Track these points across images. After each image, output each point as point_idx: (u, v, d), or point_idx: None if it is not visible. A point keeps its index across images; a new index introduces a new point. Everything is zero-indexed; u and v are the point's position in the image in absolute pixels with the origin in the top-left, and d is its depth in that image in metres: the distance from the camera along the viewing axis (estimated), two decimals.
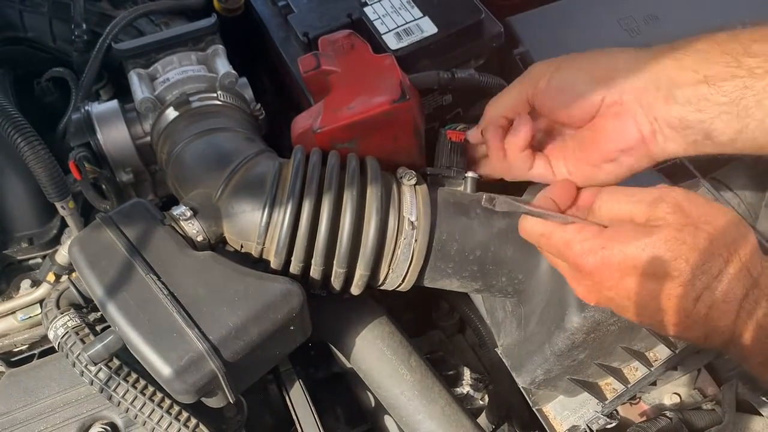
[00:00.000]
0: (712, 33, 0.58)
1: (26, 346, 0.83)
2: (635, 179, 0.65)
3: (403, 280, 0.73)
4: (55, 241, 0.88)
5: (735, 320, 0.55)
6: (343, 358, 0.86)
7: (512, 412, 1.09)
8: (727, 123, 0.56)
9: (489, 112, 0.70)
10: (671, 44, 0.59)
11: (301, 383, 0.83)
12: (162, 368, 0.57)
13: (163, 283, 0.61)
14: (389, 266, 0.71)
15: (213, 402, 0.64)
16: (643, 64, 0.59)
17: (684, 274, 0.54)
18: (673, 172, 0.85)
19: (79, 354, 0.66)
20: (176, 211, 0.67)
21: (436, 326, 1.11)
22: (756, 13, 0.97)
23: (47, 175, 0.72)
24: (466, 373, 1.10)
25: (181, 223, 0.67)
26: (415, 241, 0.70)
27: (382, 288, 0.75)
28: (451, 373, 1.10)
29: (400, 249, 0.70)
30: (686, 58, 0.57)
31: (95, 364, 0.64)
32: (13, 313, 0.82)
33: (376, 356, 0.81)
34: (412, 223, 0.69)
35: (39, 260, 0.88)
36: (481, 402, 1.08)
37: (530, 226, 0.63)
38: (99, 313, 0.77)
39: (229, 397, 0.63)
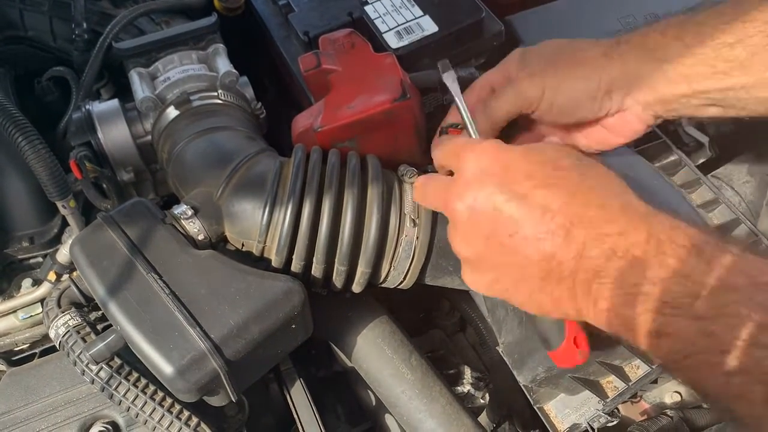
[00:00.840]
0: (678, 30, 0.60)
1: (27, 345, 0.83)
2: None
3: (404, 278, 0.73)
4: (56, 240, 0.87)
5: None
6: (344, 357, 0.86)
7: (513, 411, 1.09)
8: (715, 111, 0.61)
9: (481, 127, 0.68)
10: (647, 47, 0.61)
11: (302, 382, 0.83)
12: (164, 367, 0.57)
13: (164, 282, 0.61)
14: (391, 264, 0.71)
15: (215, 401, 0.64)
16: (635, 75, 0.61)
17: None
18: (675, 171, 0.85)
19: (80, 353, 0.66)
20: (177, 210, 0.67)
21: (436, 325, 1.11)
22: None
23: (48, 174, 0.72)
24: (467, 371, 1.10)
25: (182, 222, 0.67)
26: (417, 238, 0.70)
27: (383, 285, 0.75)
28: (452, 371, 1.10)
29: (401, 246, 0.70)
30: (667, 67, 0.60)
31: (97, 363, 0.64)
32: (14, 312, 0.82)
33: (377, 355, 0.81)
34: (413, 220, 0.69)
35: (40, 259, 0.88)
36: (482, 401, 1.08)
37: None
38: (100, 312, 0.77)
39: (231, 396, 0.63)
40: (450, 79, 0.65)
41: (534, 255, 0.52)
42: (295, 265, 0.68)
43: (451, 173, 0.62)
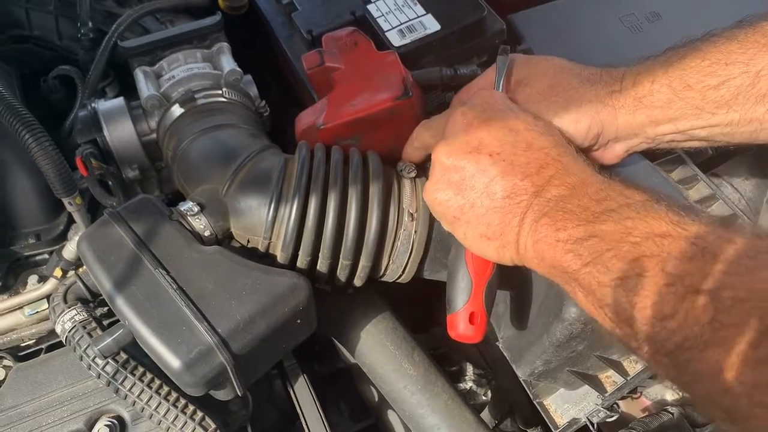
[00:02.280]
0: (667, 77, 0.63)
1: (33, 340, 0.84)
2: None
3: (403, 272, 0.74)
4: (62, 237, 0.88)
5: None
6: (347, 353, 0.86)
7: (515, 407, 1.09)
8: (705, 144, 0.67)
9: None
10: (636, 96, 0.64)
11: (306, 378, 0.84)
12: (172, 361, 0.58)
13: (171, 278, 0.62)
14: (390, 257, 0.72)
15: (221, 395, 0.65)
16: (623, 121, 0.65)
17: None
18: (673, 168, 0.86)
19: (87, 348, 0.66)
20: (183, 206, 0.68)
21: (438, 322, 1.11)
22: (757, 8, 0.98)
23: (55, 171, 0.72)
24: (469, 368, 1.11)
25: (189, 218, 0.67)
26: (415, 232, 0.71)
27: (383, 279, 0.76)
28: (454, 369, 1.11)
29: (399, 240, 0.71)
30: (656, 113, 0.64)
31: (105, 357, 0.65)
32: (21, 308, 0.82)
33: (380, 351, 0.82)
34: (411, 215, 0.70)
35: (46, 256, 0.88)
36: (483, 397, 1.09)
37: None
38: (105, 308, 0.77)
39: (237, 390, 0.64)
40: (501, 62, 0.69)
41: (505, 176, 0.58)
42: (301, 261, 0.69)
43: None
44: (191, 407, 0.68)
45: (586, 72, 0.67)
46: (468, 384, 1.06)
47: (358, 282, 0.73)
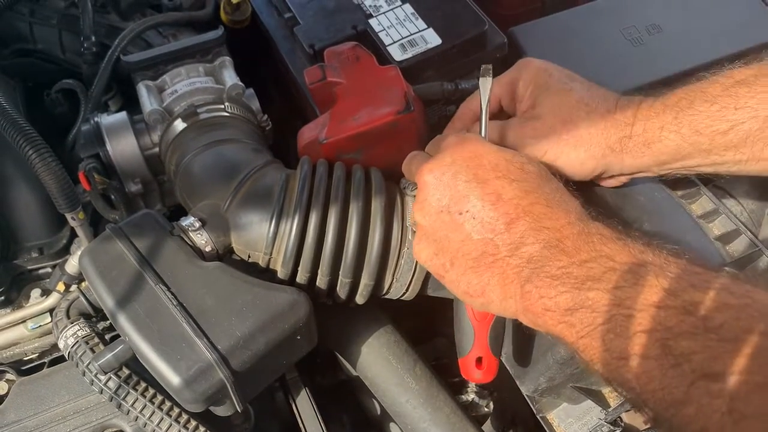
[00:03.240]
0: (676, 122, 0.63)
1: (36, 354, 0.84)
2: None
3: (407, 290, 0.74)
4: (65, 251, 0.88)
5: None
6: (349, 366, 0.87)
7: (517, 419, 1.09)
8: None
9: None
10: (646, 139, 0.64)
11: (308, 391, 0.84)
12: (171, 378, 0.58)
13: (172, 294, 0.62)
14: (393, 276, 0.72)
15: (221, 410, 0.65)
16: (629, 164, 0.66)
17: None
18: (675, 180, 0.85)
19: (89, 363, 0.67)
20: (185, 222, 0.68)
21: (440, 333, 1.11)
22: (756, 21, 0.98)
23: (57, 186, 0.72)
24: None
25: (190, 234, 0.67)
26: None
27: (386, 297, 0.76)
28: (456, 380, 1.10)
29: (403, 259, 0.71)
30: (665, 158, 0.64)
31: (105, 373, 0.65)
32: (24, 322, 0.83)
33: (382, 364, 0.83)
34: (415, 232, 0.70)
35: (49, 270, 0.88)
36: (486, 409, 1.08)
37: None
38: (108, 323, 0.78)
39: (237, 406, 0.64)
40: (486, 84, 0.67)
41: (475, 234, 0.56)
42: (301, 277, 0.69)
43: None
44: (193, 422, 0.69)
45: (602, 108, 0.66)
46: (470, 396, 1.06)
47: (360, 300, 0.73)
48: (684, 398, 0.41)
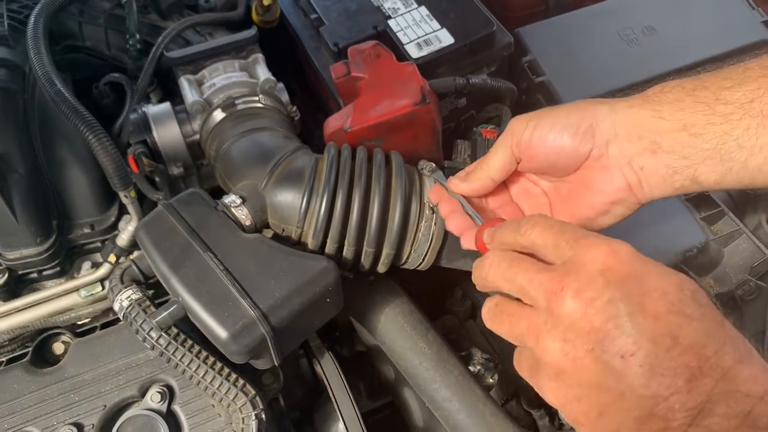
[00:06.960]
0: (679, 81, 0.58)
1: (89, 319, 0.92)
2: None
3: (423, 260, 0.80)
4: (113, 228, 0.95)
5: None
6: (367, 335, 0.93)
7: (520, 391, 1.16)
8: (712, 167, 0.55)
9: (478, 175, 0.70)
10: (644, 94, 0.59)
11: (331, 355, 0.91)
12: (220, 332, 0.64)
13: (219, 260, 0.69)
14: (412, 246, 0.78)
15: (260, 363, 0.72)
16: (623, 115, 0.59)
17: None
18: (697, 203, 0.86)
19: (143, 322, 0.73)
20: (227, 199, 0.76)
21: (449, 312, 1.16)
22: (747, 24, 1.05)
23: (113, 166, 0.79)
24: (478, 353, 1.16)
25: (232, 209, 0.75)
26: (435, 224, 0.77)
27: (404, 267, 0.83)
28: (463, 353, 1.17)
29: (421, 231, 0.77)
30: (663, 108, 0.57)
31: (161, 330, 0.73)
32: (77, 290, 0.90)
33: (398, 331, 0.89)
34: (432, 208, 0.78)
35: (98, 244, 0.96)
36: (490, 380, 1.15)
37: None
38: (152, 291, 0.86)
39: (275, 359, 0.70)
40: (438, 177, 0.73)
41: (641, 389, 0.42)
42: (329, 248, 0.76)
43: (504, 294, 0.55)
44: (234, 375, 0.76)
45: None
46: (476, 367, 1.12)
47: (382, 268, 0.80)
48: None
